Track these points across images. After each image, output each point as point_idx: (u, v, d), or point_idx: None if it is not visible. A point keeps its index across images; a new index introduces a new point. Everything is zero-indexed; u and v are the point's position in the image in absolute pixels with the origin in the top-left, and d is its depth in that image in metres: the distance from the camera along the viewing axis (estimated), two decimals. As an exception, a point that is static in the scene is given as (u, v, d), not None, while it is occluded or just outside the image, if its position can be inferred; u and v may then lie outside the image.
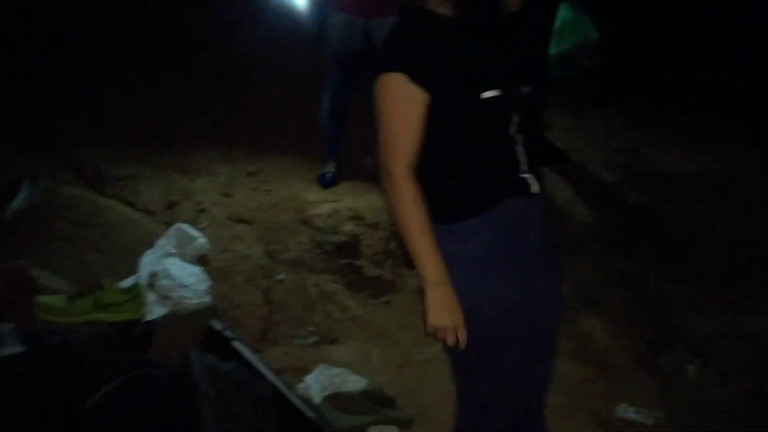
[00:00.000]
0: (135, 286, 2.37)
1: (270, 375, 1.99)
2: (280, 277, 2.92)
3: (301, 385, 2.29)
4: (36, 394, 1.81)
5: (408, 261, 1.59)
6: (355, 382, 2.32)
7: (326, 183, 3.57)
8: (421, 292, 1.55)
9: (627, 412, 2.31)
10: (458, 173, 1.56)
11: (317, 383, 2.29)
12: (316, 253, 3.09)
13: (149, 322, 2.21)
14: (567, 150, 3.75)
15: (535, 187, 1.58)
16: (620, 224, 3.34)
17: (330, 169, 3.61)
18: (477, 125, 1.52)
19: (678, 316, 2.70)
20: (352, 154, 3.64)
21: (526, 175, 1.58)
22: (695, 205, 3.45)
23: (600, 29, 3.30)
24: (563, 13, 3.28)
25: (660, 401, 2.37)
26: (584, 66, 3.31)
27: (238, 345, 2.08)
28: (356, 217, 3.29)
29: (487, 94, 1.48)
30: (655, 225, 3.33)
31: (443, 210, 1.57)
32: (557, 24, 3.29)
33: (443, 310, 1.52)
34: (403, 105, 1.48)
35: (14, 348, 1.92)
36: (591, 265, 3.04)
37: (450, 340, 1.54)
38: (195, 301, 2.48)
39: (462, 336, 1.53)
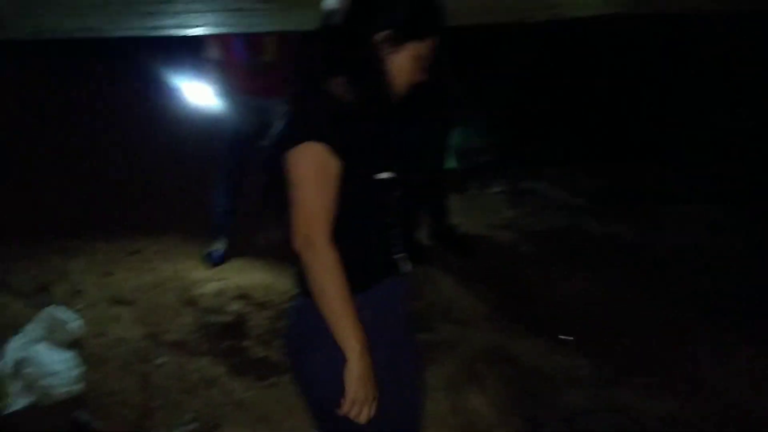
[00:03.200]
0: (-5, 376, 2.22)
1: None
2: (160, 361, 2.81)
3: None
4: None
5: None
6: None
7: (214, 261, 3.51)
8: None
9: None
10: (345, 252, 1.57)
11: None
12: (200, 334, 3.01)
13: (10, 414, 2.06)
14: (428, 250, 3.87)
15: (406, 267, 1.63)
16: (503, 300, 3.45)
17: (219, 246, 3.56)
18: (367, 204, 1.55)
19: (555, 389, 2.79)
20: (241, 233, 3.62)
21: (398, 256, 1.62)
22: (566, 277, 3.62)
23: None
24: None
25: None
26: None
27: (103, 438, 1.97)
28: (244, 296, 3.24)
29: (382, 175, 1.53)
30: (533, 298, 3.46)
31: None
32: None
33: (367, 381, 1.48)
34: (323, 174, 1.47)
35: None
36: (476, 341, 3.11)
37: (363, 416, 1.48)
38: (63, 390, 2.35)
39: (373, 411, 1.50)
